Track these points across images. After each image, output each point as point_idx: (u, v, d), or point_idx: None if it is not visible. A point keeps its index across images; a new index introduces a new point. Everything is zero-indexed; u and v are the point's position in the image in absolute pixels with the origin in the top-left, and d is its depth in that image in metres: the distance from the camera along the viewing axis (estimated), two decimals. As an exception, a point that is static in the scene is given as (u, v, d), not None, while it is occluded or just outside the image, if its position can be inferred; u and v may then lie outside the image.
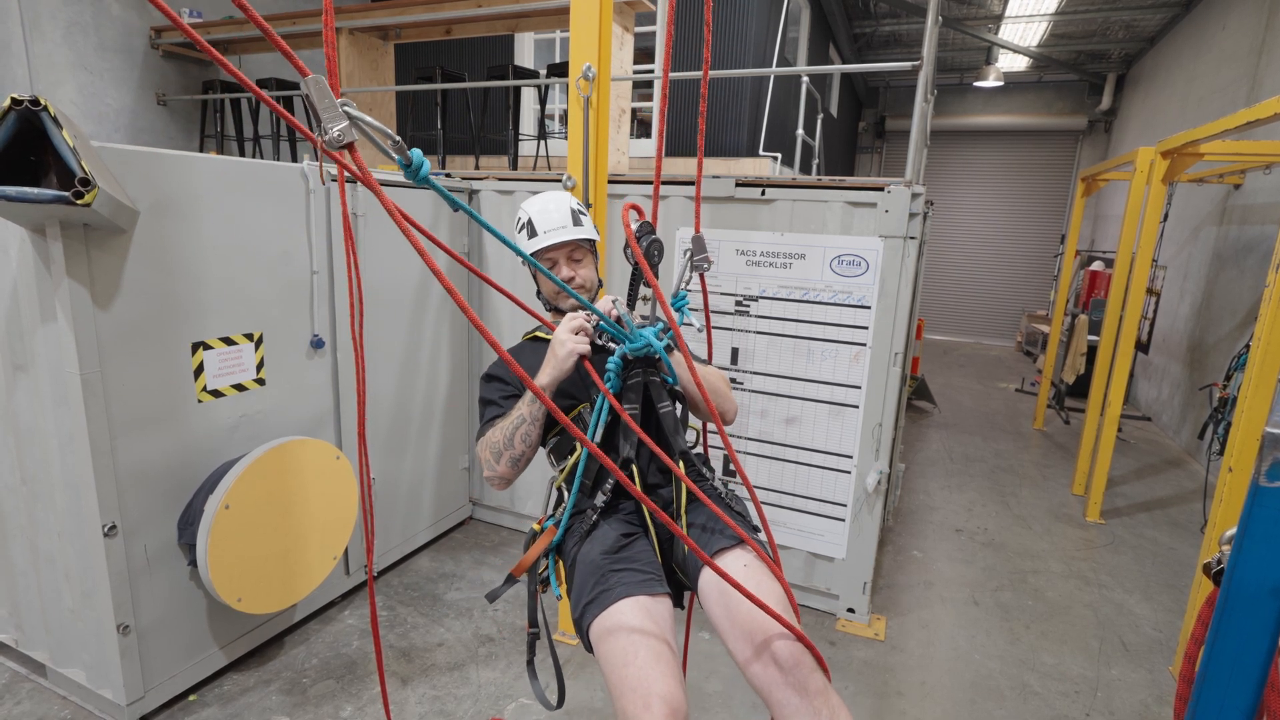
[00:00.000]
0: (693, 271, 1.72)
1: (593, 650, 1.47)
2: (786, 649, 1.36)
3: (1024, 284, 11.63)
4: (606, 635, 1.41)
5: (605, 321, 1.50)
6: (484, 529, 4.06)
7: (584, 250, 1.83)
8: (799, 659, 1.34)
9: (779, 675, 1.34)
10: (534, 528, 1.74)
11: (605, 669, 1.38)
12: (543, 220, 1.78)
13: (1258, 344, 2.48)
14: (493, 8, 4.66)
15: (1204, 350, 5.99)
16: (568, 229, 1.78)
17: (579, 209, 1.84)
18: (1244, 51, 5.96)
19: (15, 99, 1.78)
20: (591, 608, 1.46)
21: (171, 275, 2.33)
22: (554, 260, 1.79)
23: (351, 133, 0.86)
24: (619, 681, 1.33)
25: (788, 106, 6.79)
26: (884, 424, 3.07)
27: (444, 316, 3.70)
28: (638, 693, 1.29)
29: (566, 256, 1.80)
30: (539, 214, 1.80)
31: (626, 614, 1.42)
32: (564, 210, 1.80)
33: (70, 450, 2.20)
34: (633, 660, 1.34)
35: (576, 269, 1.81)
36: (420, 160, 0.96)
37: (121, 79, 5.91)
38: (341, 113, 0.85)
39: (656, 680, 1.31)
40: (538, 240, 1.77)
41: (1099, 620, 3.36)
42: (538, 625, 1.71)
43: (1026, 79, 11.06)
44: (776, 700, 1.33)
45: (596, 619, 1.44)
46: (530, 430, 1.60)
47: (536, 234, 1.77)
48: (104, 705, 2.41)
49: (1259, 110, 2.71)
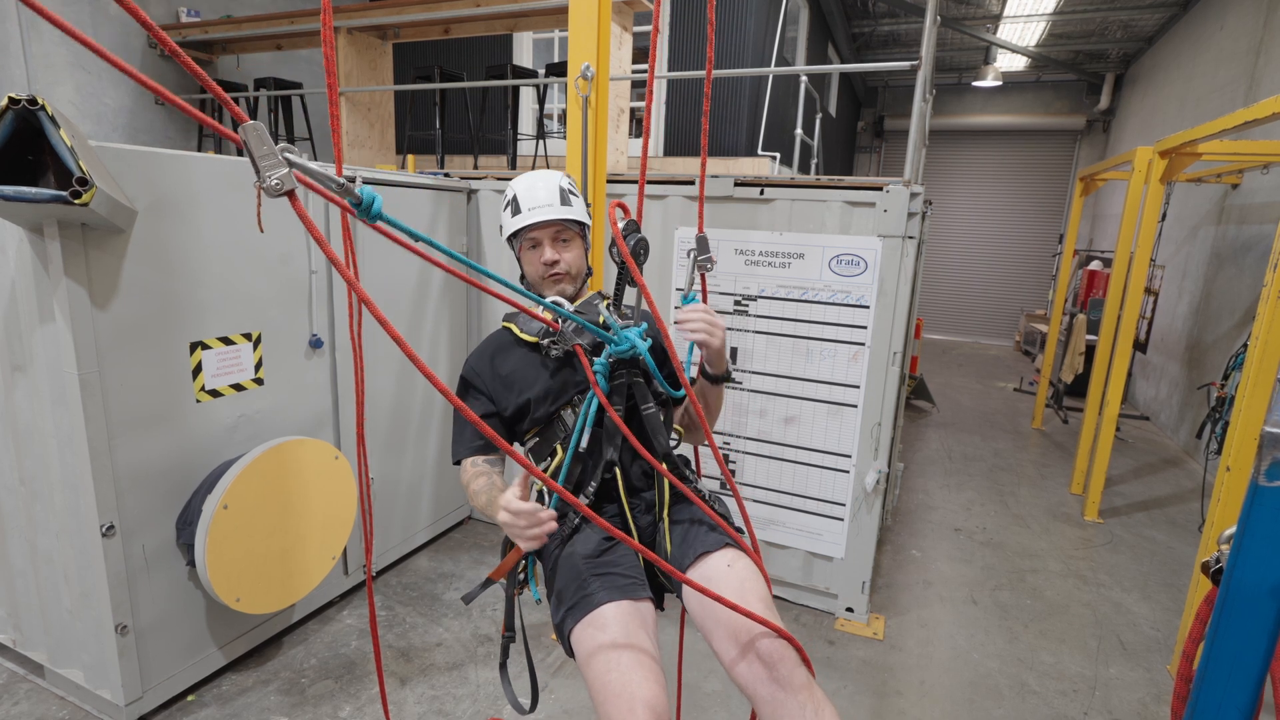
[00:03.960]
0: (696, 271, 1.67)
1: (574, 655, 1.46)
2: (769, 646, 1.36)
3: (1022, 283, 11.64)
4: (588, 641, 1.40)
5: (588, 324, 1.44)
6: (483, 529, 4.06)
7: (571, 233, 1.70)
8: (782, 655, 1.35)
9: (763, 671, 1.34)
10: None
11: (587, 675, 1.37)
12: (528, 197, 1.66)
13: (1256, 343, 2.48)
14: (491, 7, 4.66)
15: (1202, 349, 6.00)
16: (553, 208, 1.65)
17: (569, 189, 1.71)
18: (1242, 51, 5.97)
19: (13, 98, 1.78)
20: (573, 613, 1.45)
21: (170, 275, 2.32)
22: (537, 240, 1.67)
23: (292, 180, 0.85)
24: (602, 687, 1.32)
25: (786, 106, 6.79)
26: (883, 423, 3.08)
27: (443, 316, 3.70)
28: (621, 698, 1.29)
29: (551, 238, 1.67)
30: (524, 191, 1.67)
31: (609, 619, 1.41)
32: (552, 188, 1.68)
33: (69, 450, 2.19)
34: (615, 666, 1.33)
35: (561, 252, 1.68)
36: (370, 198, 0.95)
37: (119, 78, 5.90)
38: (282, 159, 0.83)
39: (639, 685, 1.30)
40: (520, 218, 1.65)
41: (1097, 619, 3.37)
42: (513, 629, 1.70)
43: (1025, 79, 11.07)
44: (761, 696, 1.34)
45: (578, 624, 1.43)
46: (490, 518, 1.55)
47: (520, 211, 1.66)
48: (102, 705, 2.40)
49: (1257, 110, 2.71)
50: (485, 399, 1.72)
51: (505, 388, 1.70)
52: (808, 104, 5.64)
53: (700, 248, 1.67)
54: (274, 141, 0.84)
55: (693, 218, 3.28)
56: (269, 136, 0.83)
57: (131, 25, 5.95)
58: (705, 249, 1.67)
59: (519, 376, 1.70)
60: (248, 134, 0.81)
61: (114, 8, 5.77)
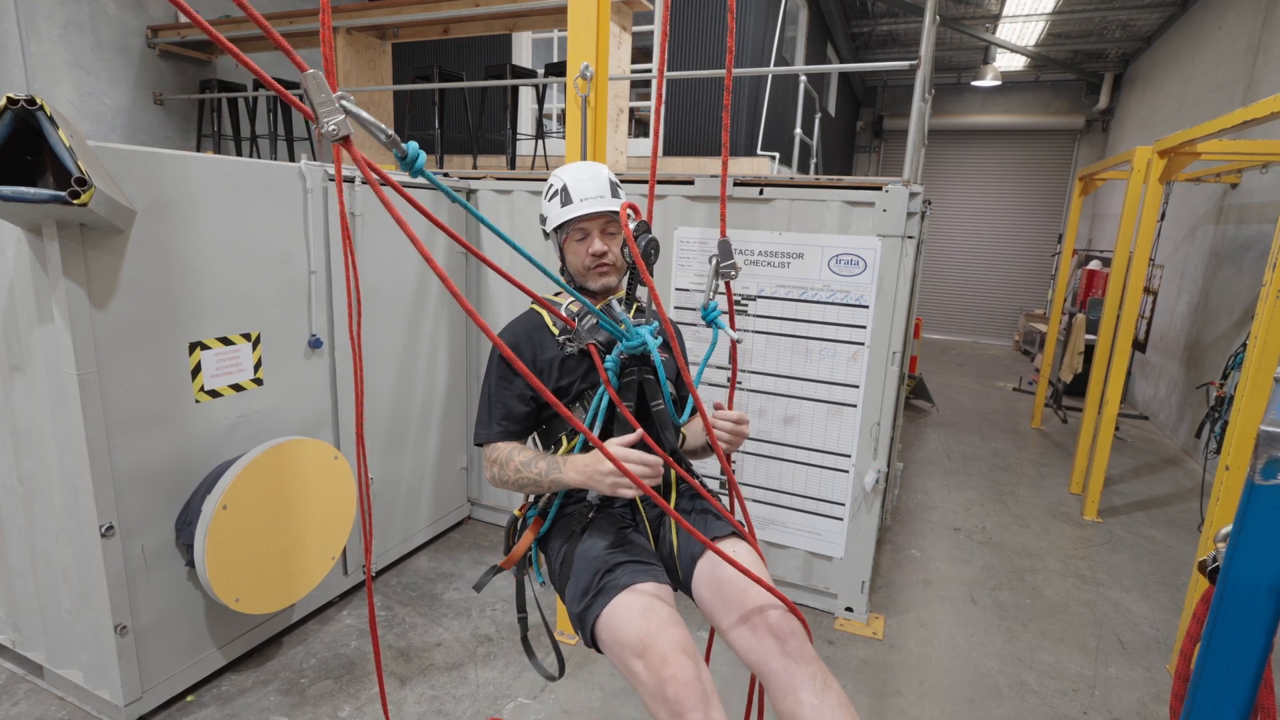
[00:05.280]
0: (719, 279, 1.62)
1: (595, 643, 1.47)
2: (780, 621, 1.41)
3: (1022, 283, 11.65)
4: (620, 616, 1.41)
5: (604, 321, 1.50)
6: (482, 529, 4.06)
7: (618, 225, 1.69)
8: (793, 629, 1.41)
9: (774, 645, 1.39)
10: (515, 514, 1.75)
11: (621, 646, 1.38)
12: (578, 188, 1.66)
13: (1254, 342, 2.48)
14: (490, 7, 4.65)
15: (1201, 349, 6.00)
16: (605, 199, 1.66)
17: (616, 181, 1.72)
18: (1240, 51, 5.97)
19: (11, 98, 1.78)
20: (600, 598, 1.46)
21: (169, 275, 2.32)
22: (586, 231, 1.67)
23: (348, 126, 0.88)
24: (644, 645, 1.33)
25: (786, 106, 6.79)
26: (882, 423, 3.08)
27: (442, 315, 3.70)
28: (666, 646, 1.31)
29: (601, 229, 1.67)
30: (574, 181, 1.67)
31: (643, 593, 1.44)
32: (601, 180, 1.68)
33: (68, 450, 2.19)
34: (654, 627, 1.36)
35: (610, 243, 1.68)
36: (416, 152, 0.97)
37: (118, 78, 5.90)
38: (339, 106, 0.86)
39: (684, 639, 1.35)
40: (573, 208, 1.64)
41: (1096, 619, 3.37)
42: (525, 610, 1.76)
43: (1024, 78, 11.07)
44: (773, 669, 1.38)
45: (606, 607, 1.44)
46: (536, 490, 1.60)
47: (571, 201, 1.65)
48: (101, 706, 2.40)
49: (1255, 109, 2.72)
50: (526, 391, 1.72)
51: (539, 372, 1.71)
52: (807, 104, 5.64)
53: (723, 253, 1.59)
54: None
55: (692, 218, 3.28)
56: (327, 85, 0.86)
57: (131, 25, 5.94)
58: (729, 254, 1.60)
59: (545, 362, 1.71)
60: (308, 82, 0.85)
61: (113, 7, 5.77)
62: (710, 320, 1.67)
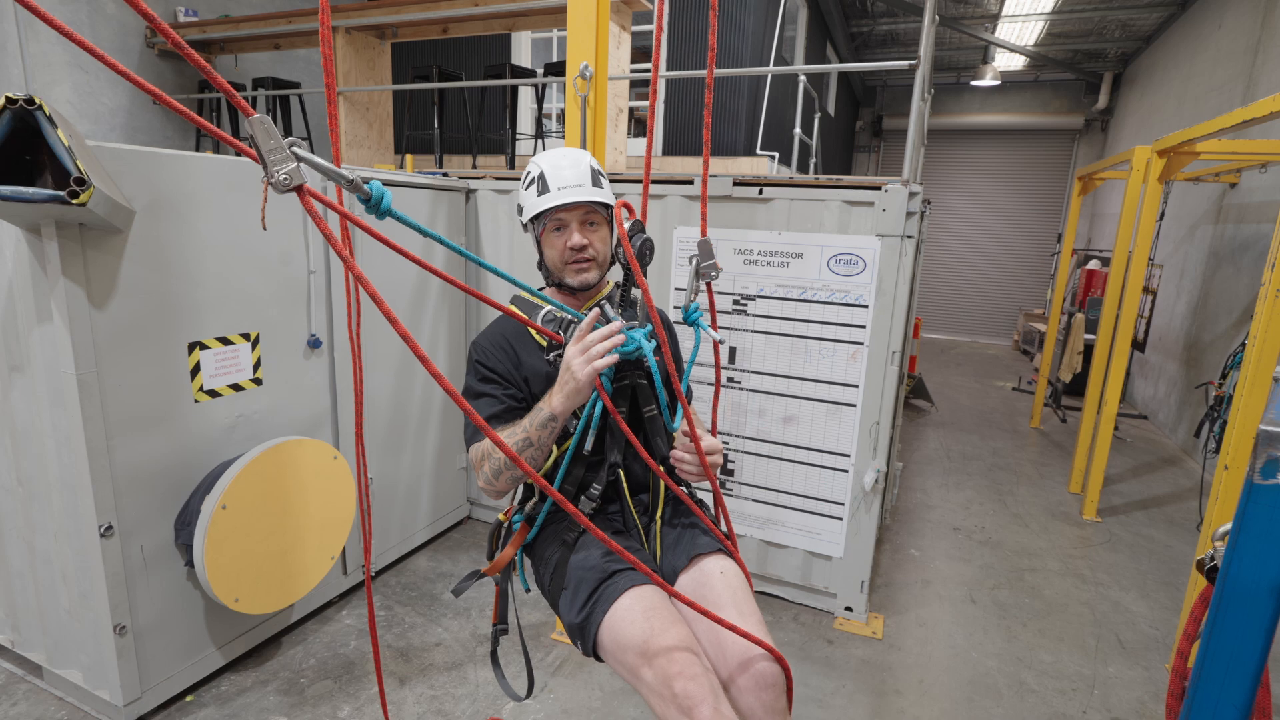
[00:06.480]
0: (699, 280, 1.54)
1: (596, 652, 1.46)
2: (763, 667, 1.40)
3: (1021, 282, 11.66)
4: (622, 619, 1.40)
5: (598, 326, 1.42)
6: (482, 529, 4.06)
7: (600, 217, 1.60)
8: (774, 679, 1.40)
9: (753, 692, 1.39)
10: (499, 519, 1.70)
11: (625, 650, 1.38)
12: (556, 176, 1.55)
13: (1253, 342, 2.48)
14: (490, 6, 4.65)
15: (1200, 348, 6.01)
16: (585, 189, 1.55)
17: (599, 170, 1.61)
18: (1240, 50, 5.98)
19: (10, 98, 1.78)
20: (600, 606, 1.44)
21: (168, 275, 2.32)
22: (564, 223, 1.57)
23: (300, 175, 0.82)
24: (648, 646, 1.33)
25: (785, 105, 6.79)
26: (881, 422, 3.08)
27: (442, 315, 3.70)
28: (670, 645, 1.31)
29: (580, 220, 1.57)
30: (552, 169, 1.56)
31: (643, 596, 1.43)
32: (582, 168, 1.56)
33: (67, 451, 2.19)
34: (658, 627, 1.36)
35: (590, 236, 1.58)
36: (380, 192, 0.94)
37: (117, 78, 5.89)
38: (290, 154, 0.80)
39: (688, 637, 1.35)
40: (549, 197, 1.53)
41: (1096, 618, 3.37)
42: (505, 621, 1.72)
43: (1023, 78, 11.08)
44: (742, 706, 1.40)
45: (608, 614, 1.42)
46: (537, 455, 1.45)
47: (548, 190, 1.54)
48: (101, 706, 2.40)
49: (1255, 109, 2.72)
50: (501, 383, 1.62)
51: (523, 379, 1.63)
52: (806, 103, 5.65)
53: (703, 254, 1.51)
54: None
55: (692, 217, 3.27)
56: (276, 130, 0.80)
57: (130, 25, 5.94)
58: (709, 255, 1.52)
59: (532, 372, 1.63)
60: (255, 128, 0.78)
61: (112, 7, 5.76)
62: (692, 321, 1.60)
